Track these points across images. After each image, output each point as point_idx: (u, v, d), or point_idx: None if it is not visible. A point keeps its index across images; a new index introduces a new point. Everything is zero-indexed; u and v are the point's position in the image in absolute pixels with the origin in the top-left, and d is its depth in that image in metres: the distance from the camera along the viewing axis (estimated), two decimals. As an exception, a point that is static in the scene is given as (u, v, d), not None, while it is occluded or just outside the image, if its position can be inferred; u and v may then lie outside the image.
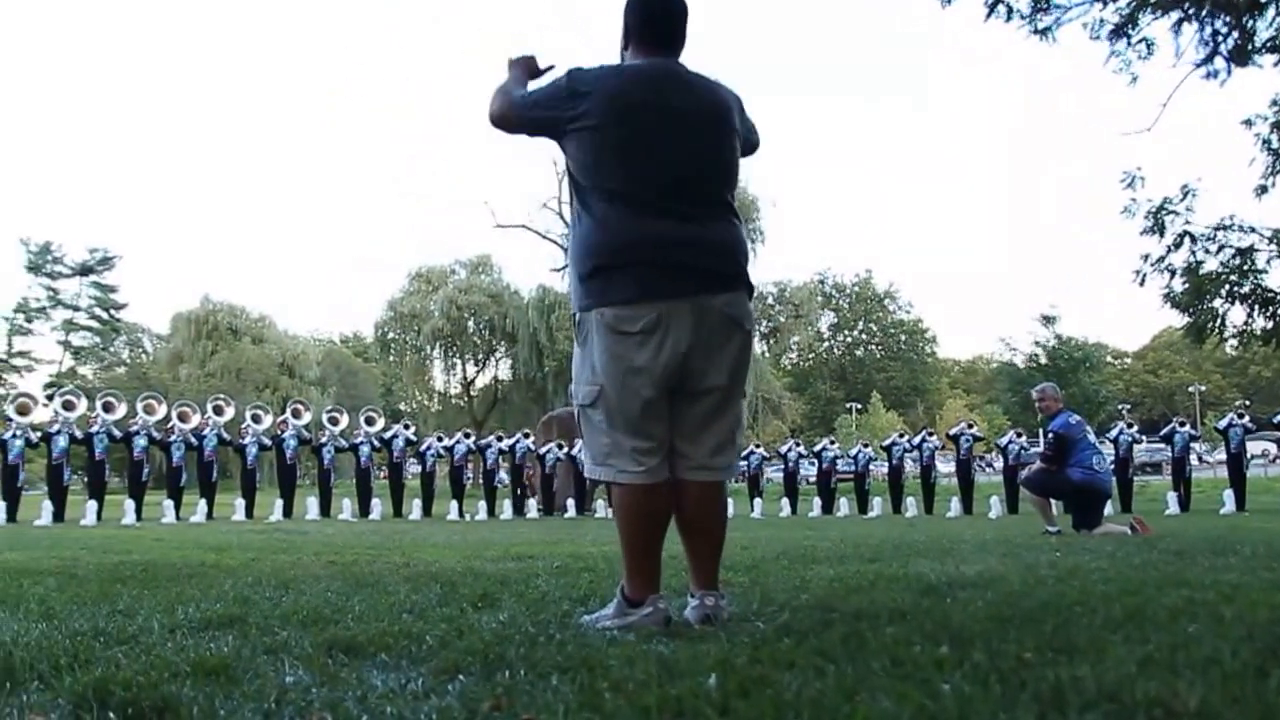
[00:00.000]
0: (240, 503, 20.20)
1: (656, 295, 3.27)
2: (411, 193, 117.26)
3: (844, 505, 23.22)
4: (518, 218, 49.17)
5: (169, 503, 19.19)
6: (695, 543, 3.51)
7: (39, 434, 19.29)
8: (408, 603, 3.93)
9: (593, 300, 3.32)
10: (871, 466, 25.55)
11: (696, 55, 3.57)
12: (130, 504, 18.63)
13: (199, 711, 2.02)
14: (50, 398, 27.09)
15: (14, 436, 18.61)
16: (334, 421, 22.29)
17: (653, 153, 3.35)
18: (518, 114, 3.50)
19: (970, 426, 24.19)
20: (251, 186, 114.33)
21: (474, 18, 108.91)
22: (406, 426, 24.14)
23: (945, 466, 27.70)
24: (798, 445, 25.96)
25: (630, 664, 2.52)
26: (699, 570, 3.50)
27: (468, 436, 24.14)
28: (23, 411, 19.39)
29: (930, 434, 24.74)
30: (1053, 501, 10.41)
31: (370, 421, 22.75)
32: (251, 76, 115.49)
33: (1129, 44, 11.08)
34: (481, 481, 24.07)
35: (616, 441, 3.33)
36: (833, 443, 25.83)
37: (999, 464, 25.96)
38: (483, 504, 22.26)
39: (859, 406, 66.31)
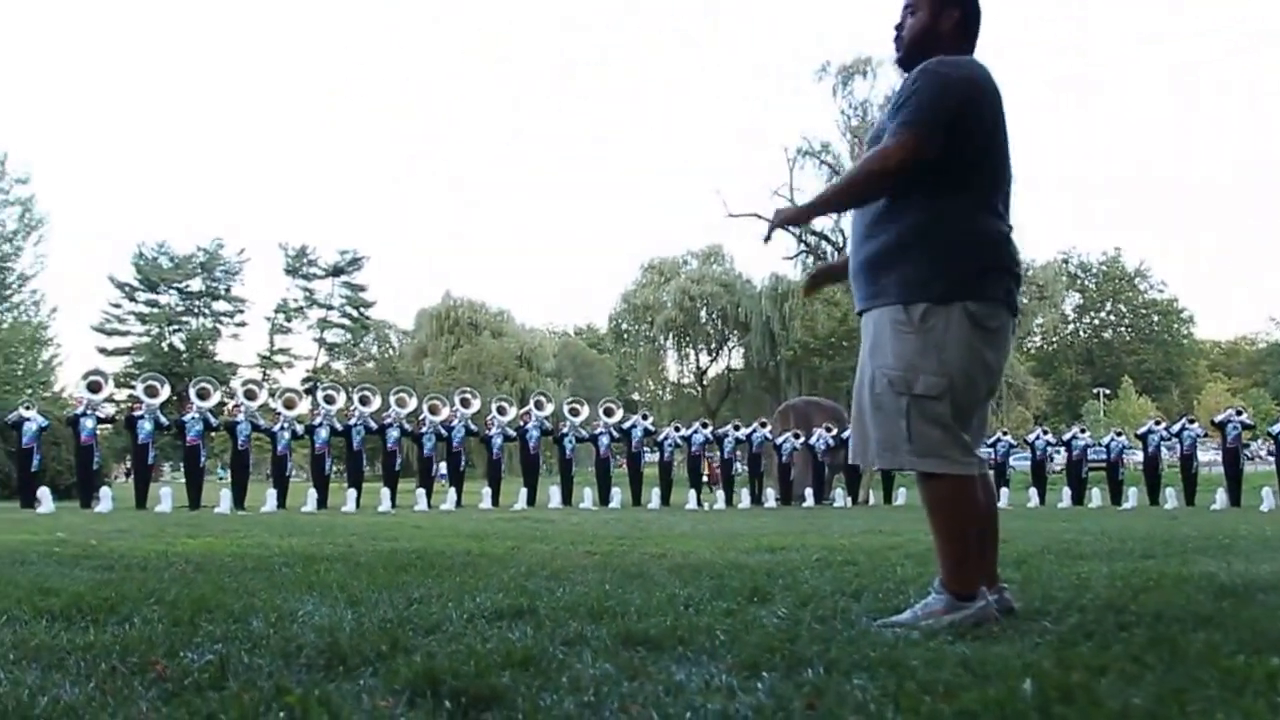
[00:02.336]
0: (487, 491, 20.95)
1: (1009, 298, 3.39)
2: (643, 184, 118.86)
3: (1095, 496, 22.17)
4: (748, 206, 49.22)
5: (421, 491, 20.11)
6: (987, 538, 3.49)
7: (304, 426, 20.61)
8: (682, 596, 3.97)
9: (956, 293, 3.29)
10: (1125, 455, 24.26)
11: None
12: (385, 492, 19.60)
13: (523, 703, 2.10)
14: (309, 392, 28.99)
15: (282, 429, 19.94)
16: (574, 413, 22.83)
17: (1005, 157, 3.44)
18: (921, 140, 3.29)
19: (1239, 413, 22.62)
20: (489, 185, 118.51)
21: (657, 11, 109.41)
22: (645, 417, 24.48)
23: (1203, 455, 26.01)
24: (1045, 433, 24.95)
25: (932, 665, 2.47)
26: (990, 565, 3.46)
27: (705, 426, 24.33)
28: (289, 405, 20.78)
29: (1191, 421, 23.29)
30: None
31: (609, 412, 23.22)
32: (482, 76, 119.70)
33: None
34: (720, 470, 24.22)
35: (954, 434, 3.30)
36: (1083, 430, 24.69)
37: (1268, 452, 24.25)
38: (721, 492, 22.38)
39: (1107, 392, 63.12)
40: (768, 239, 3.76)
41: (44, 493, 16.97)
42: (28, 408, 19.63)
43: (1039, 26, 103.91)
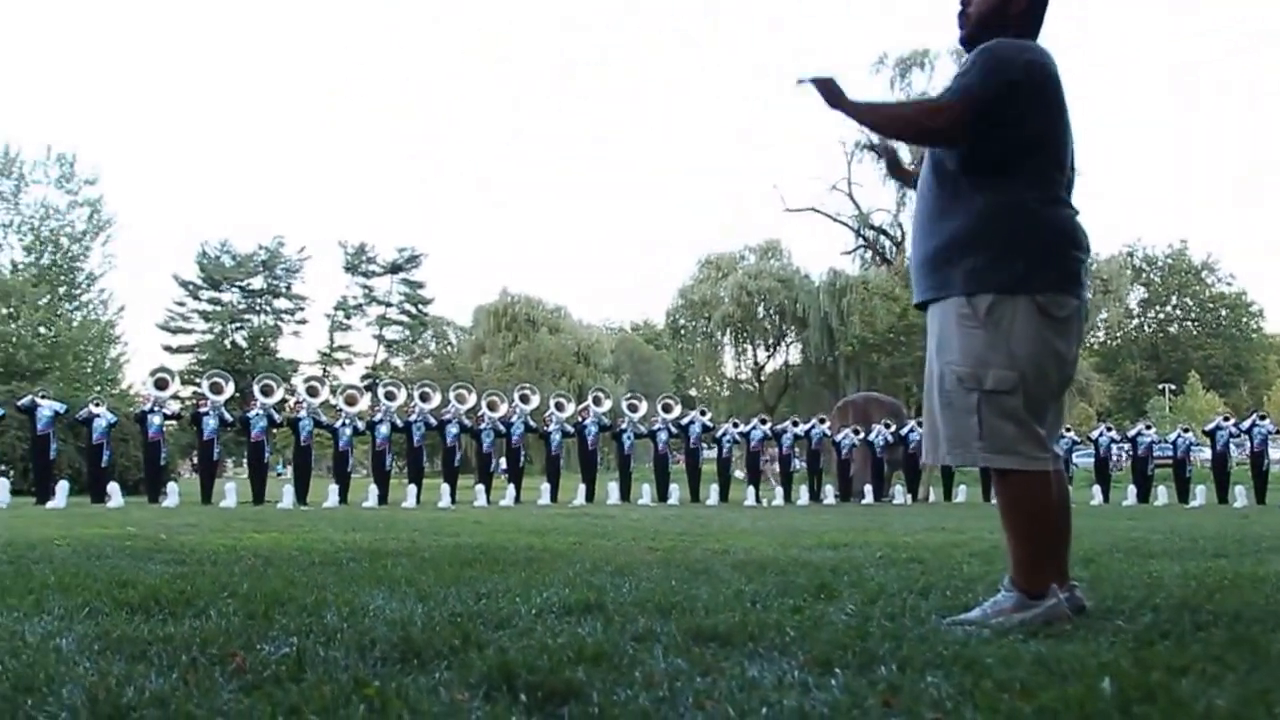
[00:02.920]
0: (545, 487, 21.02)
1: (1078, 285, 3.32)
2: (700, 179, 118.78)
3: (1161, 494, 21.79)
4: (806, 201, 48.96)
5: (480, 487, 20.22)
6: (1062, 535, 3.42)
7: (365, 423, 20.82)
8: (748, 593, 3.97)
9: (1022, 284, 3.24)
10: (1192, 452, 23.80)
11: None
12: (445, 488, 19.72)
13: (599, 697, 2.10)
14: (370, 388, 29.30)
15: (343, 425, 20.16)
16: (633, 409, 22.86)
17: (1067, 142, 3.38)
18: (965, 113, 3.28)
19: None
20: (546, 181, 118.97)
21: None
22: (703, 413, 24.45)
23: (1275, 452, 25.44)
24: (1109, 430, 24.57)
25: (1007, 663, 2.45)
26: (1063, 563, 3.40)
27: (764, 422, 24.23)
28: (350, 402, 21.00)
29: (1262, 417, 22.80)
30: None
31: (667, 408, 23.21)
32: (541, 71, 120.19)
33: None
34: (778, 466, 24.12)
35: (1029, 429, 3.25)
36: (1148, 426, 24.29)
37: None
38: (779, 489, 22.29)
39: (1173, 388, 62.01)
40: (800, 83, 3.40)
41: (113, 488, 17.31)
42: (97, 404, 20.00)
43: (1119, 9, 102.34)
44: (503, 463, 22.61)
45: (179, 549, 6.43)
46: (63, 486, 17.27)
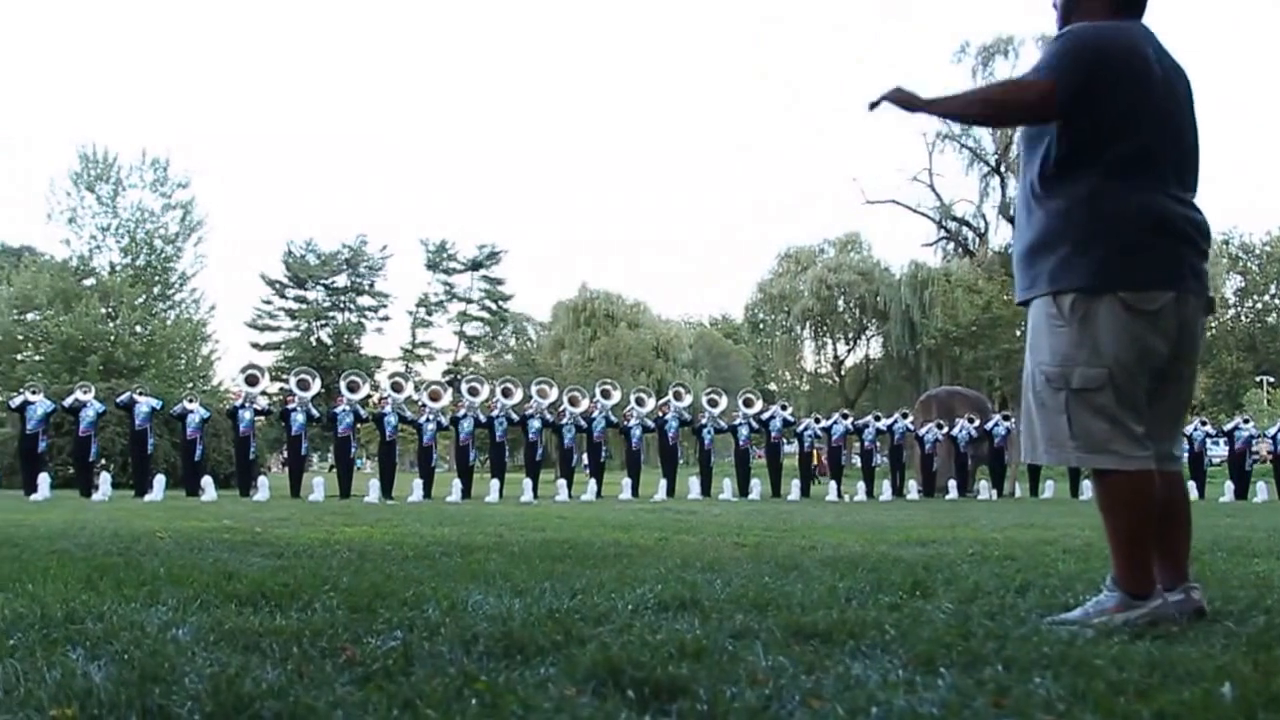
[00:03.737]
0: (627, 482, 21.08)
1: (1172, 276, 3.20)
2: (778, 172, 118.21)
3: (1261, 490, 21.21)
4: (886, 193, 48.47)
5: (562, 482, 20.34)
6: (1175, 534, 3.33)
7: (449, 418, 21.07)
8: (842, 589, 3.95)
9: (1106, 278, 3.16)
10: (1294, 447, 23.10)
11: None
12: (527, 483, 19.88)
13: (705, 694, 2.11)
14: (452, 384, 29.63)
15: (427, 420, 20.42)
16: (713, 404, 22.83)
17: (1164, 127, 3.26)
18: (1057, 89, 3.19)
19: None
20: (624, 176, 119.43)
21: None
22: (784, 408, 24.33)
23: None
24: (1204, 424, 23.97)
25: (1118, 665, 2.41)
26: (1177, 563, 3.31)
27: (845, 417, 24.05)
28: (434, 398, 21.25)
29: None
30: None
31: (748, 403, 23.14)
32: (617, 68, 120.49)
33: None
34: (860, 462, 23.94)
35: (1123, 427, 3.17)
36: (1246, 420, 23.64)
37: None
38: (861, 484, 22.10)
39: (1271, 380, 60.21)
40: (873, 107, 3.40)
41: (207, 481, 17.76)
42: (191, 400, 20.54)
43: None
44: (584, 457, 22.70)
45: (275, 542, 6.57)
46: (159, 480, 17.78)
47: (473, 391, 21.45)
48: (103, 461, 21.56)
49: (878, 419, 24.01)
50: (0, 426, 27.92)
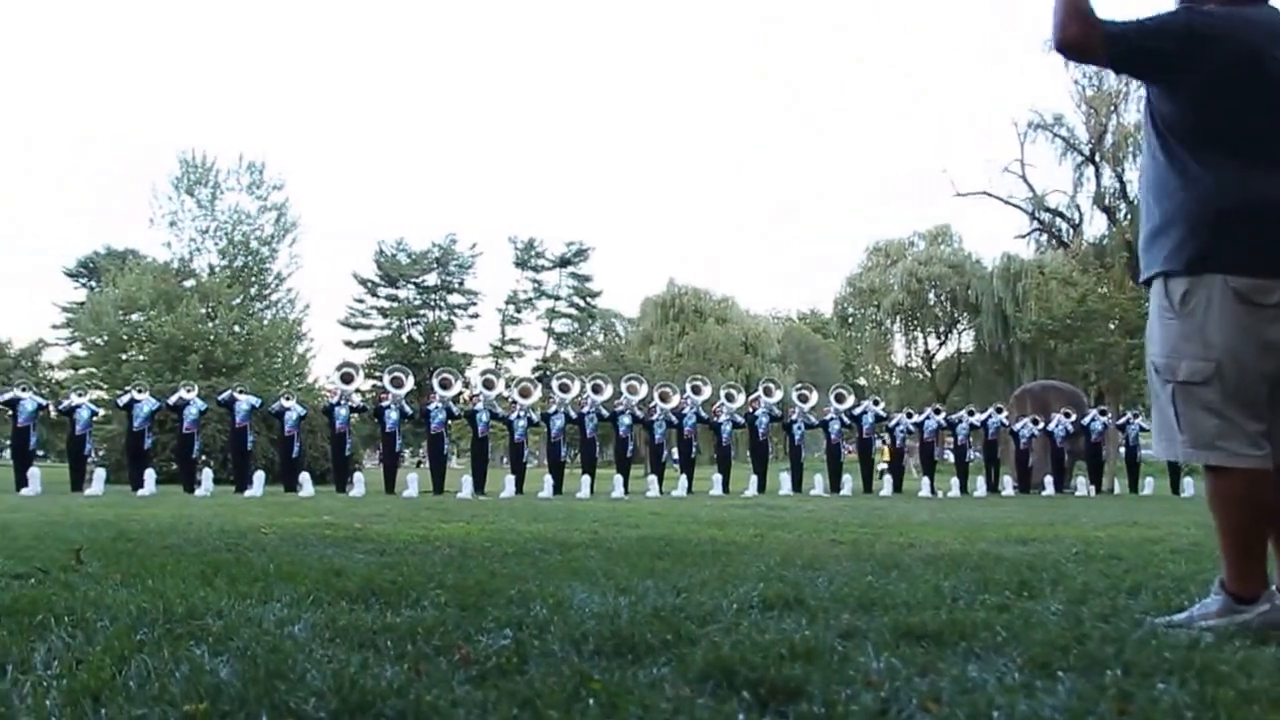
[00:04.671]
0: (717, 478, 21.01)
1: None
2: (867, 165, 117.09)
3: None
4: (977, 185, 47.70)
5: (652, 478, 20.34)
6: None
7: (539, 414, 21.22)
8: (946, 589, 3.90)
9: (1215, 266, 3.05)
10: None
11: None
12: (618, 479, 19.92)
13: (820, 696, 2.10)
14: (542, 380, 29.82)
15: (518, 417, 20.59)
16: (804, 399, 22.65)
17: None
18: (1106, 39, 3.12)
19: None
20: (710, 171, 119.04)
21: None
22: (876, 403, 24.05)
23: None
24: None
25: (1245, 671, 2.34)
26: None
27: (938, 412, 23.71)
28: (525, 394, 21.42)
29: None
30: None
31: (840, 398, 22.91)
32: (700, 62, 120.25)
33: None
34: (952, 457, 23.59)
35: (1233, 423, 3.05)
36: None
37: None
38: (954, 480, 21.79)
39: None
40: None
41: (304, 477, 18.14)
42: (288, 398, 20.97)
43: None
44: (674, 453, 22.70)
45: (376, 538, 6.68)
46: (259, 476, 18.21)
47: (563, 388, 21.59)
48: (203, 457, 22.13)
49: (971, 414, 23.62)
50: (107, 424, 28.82)
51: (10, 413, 19.25)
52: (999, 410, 23.84)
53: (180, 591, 3.58)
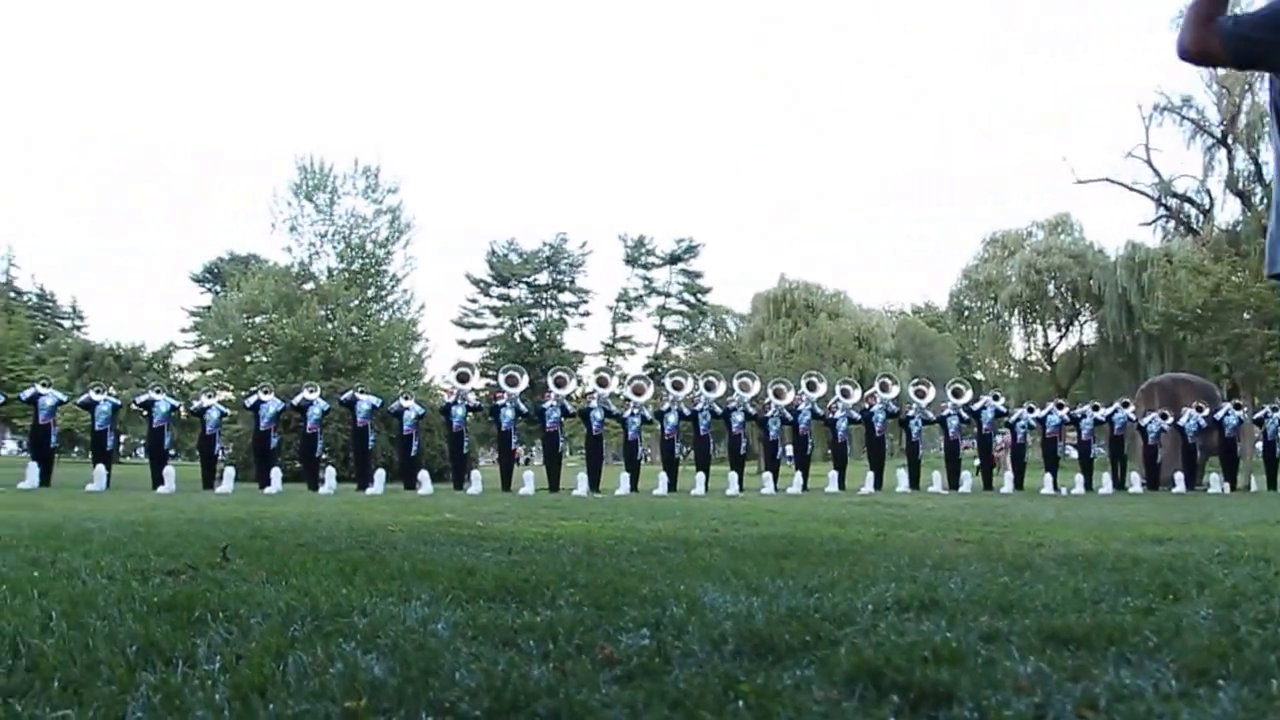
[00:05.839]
0: (833, 474, 20.84)
1: None
2: (982, 154, 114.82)
3: None
4: (1099, 171, 46.37)
5: (767, 474, 20.26)
6: None
7: (653, 412, 21.28)
8: (1086, 590, 3.81)
9: None
10: None
11: None
12: (733, 476, 19.87)
13: (971, 701, 2.07)
14: (654, 378, 29.88)
15: (632, 415, 20.68)
16: (920, 394, 22.29)
17: None
18: (1225, 41, 3.02)
19: None
20: (820, 165, 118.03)
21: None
22: (995, 398, 23.55)
23: None
24: (1239, 408, 22.07)
25: None
26: None
27: (1060, 407, 23.11)
28: (638, 392, 21.50)
29: None
30: None
31: (957, 393, 22.50)
32: (807, 54, 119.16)
33: None
34: (1076, 454, 22.98)
35: None
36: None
37: None
38: (1079, 477, 21.22)
39: None
40: None
41: (423, 475, 18.48)
42: (406, 398, 21.38)
43: None
44: (788, 450, 22.54)
45: (500, 536, 6.78)
46: (380, 474, 18.62)
47: (676, 385, 21.61)
48: (326, 456, 22.69)
49: (1096, 408, 22.95)
50: (233, 423, 29.79)
51: (146, 414, 20.03)
52: (1125, 404, 23.12)
53: (324, 589, 3.68)
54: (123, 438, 40.85)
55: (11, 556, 4.80)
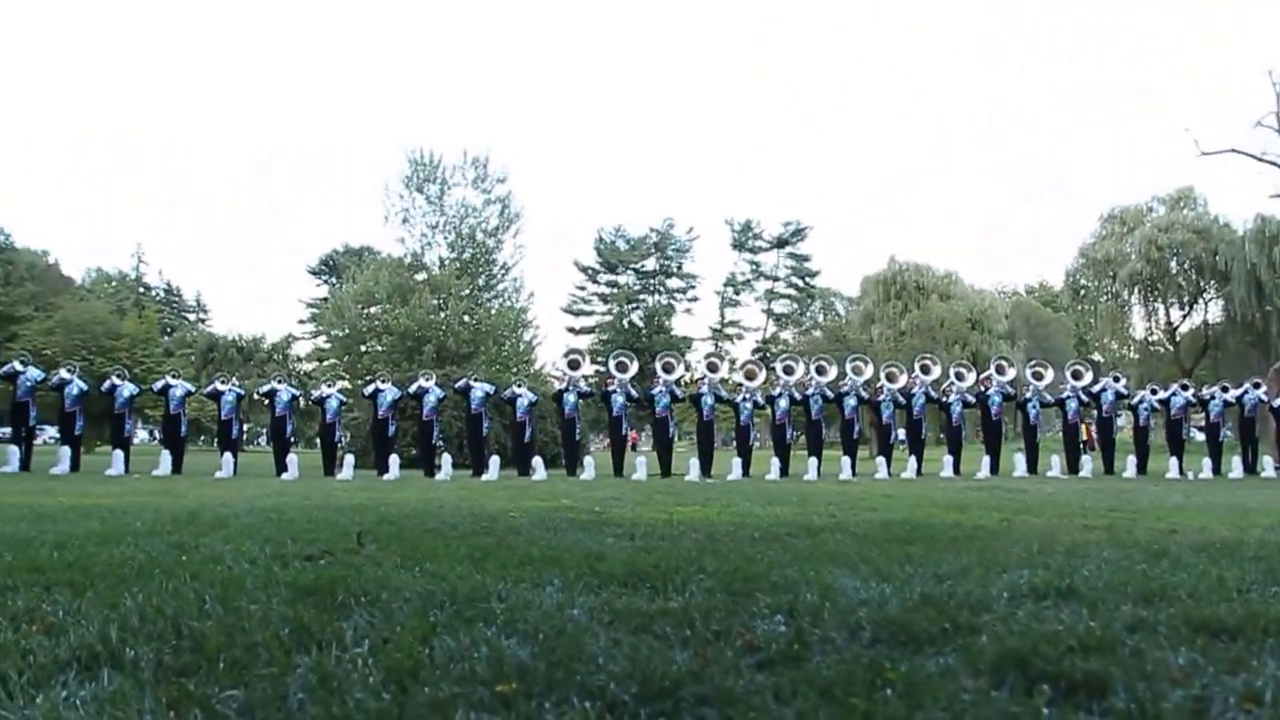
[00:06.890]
0: (948, 459, 20.49)
1: None
2: (1098, 127, 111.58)
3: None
4: (1224, 142, 44.65)
5: (881, 459, 19.95)
6: None
7: (764, 396, 21.15)
8: (1230, 579, 3.70)
9: None
10: None
11: None
12: (846, 460, 19.64)
13: (1125, 692, 2.02)
14: (764, 362, 29.72)
15: (743, 400, 20.60)
16: (1038, 376, 21.77)
17: None
18: None
19: None
20: (928, 144, 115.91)
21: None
22: (1116, 379, 22.86)
23: None
24: (1185, 388, 20.87)
25: None
26: None
27: (1185, 389, 22.34)
28: (749, 377, 21.38)
29: None
30: None
31: (1077, 375, 21.89)
32: (917, 40, 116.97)
33: None
34: (1204, 436, 22.21)
35: None
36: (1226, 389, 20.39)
37: None
38: (1206, 460, 20.50)
39: None
40: None
41: (537, 461, 18.65)
42: (519, 385, 21.63)
43: None
44: (901, 434, 22.23)
45: (620, 522, 6.83)
46: (495, 461, 18.88)
47: (788, 370, 21.44)
48: (442, 443, 23.08)
49: (1225, 389, 22.12)
50: (351, 412, 30.50)
51: (268, 403, 20.65)
52: (1256, 385, 22.24)
53: (458, 574, 3.75)
54: (246, 426, 42.05)
55: (158, 542, 4.99)
